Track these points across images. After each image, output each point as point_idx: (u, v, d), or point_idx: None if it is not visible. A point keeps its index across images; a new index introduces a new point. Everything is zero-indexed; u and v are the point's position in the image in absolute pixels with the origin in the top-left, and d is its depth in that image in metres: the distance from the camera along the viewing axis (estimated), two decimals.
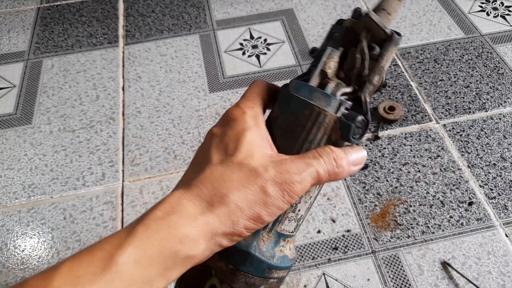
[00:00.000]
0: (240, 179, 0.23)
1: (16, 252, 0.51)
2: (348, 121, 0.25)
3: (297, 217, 0.27)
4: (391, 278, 0.47)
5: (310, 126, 0.25)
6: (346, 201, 0.53)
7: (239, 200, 0.22)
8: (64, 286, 0.19)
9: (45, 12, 0.82)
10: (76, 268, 0.20)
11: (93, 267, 0.20)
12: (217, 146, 0.24)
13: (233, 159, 0.23)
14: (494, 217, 0.52)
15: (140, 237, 0.21)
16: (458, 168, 0.56)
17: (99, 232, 0.52)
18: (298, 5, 0.81)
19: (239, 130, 0.24)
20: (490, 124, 0.61)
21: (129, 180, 0.57)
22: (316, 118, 0.25)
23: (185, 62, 0.72)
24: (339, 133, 0.25)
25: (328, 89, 0.26)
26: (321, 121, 0.25)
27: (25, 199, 0.56)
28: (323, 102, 0.25)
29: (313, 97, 0.25)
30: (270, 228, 0.26)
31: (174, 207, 0.22)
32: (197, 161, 0.25)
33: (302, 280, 0.47)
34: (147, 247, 0.21)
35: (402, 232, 0.50)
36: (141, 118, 0.64)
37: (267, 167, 0.23)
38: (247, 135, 0.24)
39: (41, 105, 0.66)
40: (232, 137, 0.24)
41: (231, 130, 0.24)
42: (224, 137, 0.24)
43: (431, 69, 0.69)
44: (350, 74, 0.27)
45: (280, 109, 0.27)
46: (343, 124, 0.25)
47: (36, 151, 0.61)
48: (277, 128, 0.26)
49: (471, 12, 0.78)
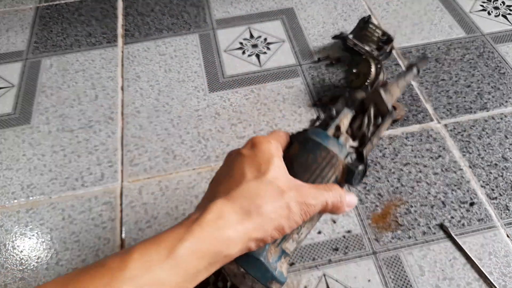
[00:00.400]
0: (271, 195, 0.28)
1: (14, 252, 0.51)
2: (353, 168, 0.32)
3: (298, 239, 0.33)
4: (392, 279, 0.47)
5: (324, 165, 0.32)
6: None
7: (271, 212, 0.28)
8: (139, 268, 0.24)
9: (44, 12, 0.82)
10: (146, 254, 0.25)
11: (159, 255, 0.25)
12: (250, 165, 0.30)
13: (265, 178, 0.29)
14: (496, 217, 0.51)
15: (195, 235, 0.26)
16: (459, 168, 0.56)
17: (98, 232, 0.52)
18: (299, 4, 0.80)
19: (268, 155, 0.30)
20: (492, 124, 0.61)
21: (128, 181, 0.57)
22: (330, 160, 0.32)
23: (185, 62, 0.71)
24: (344, 176, 0.33)
25: (341, 140, 0.34)
26: (333, 163, 0.32)
27: (24, 200, 0.55)
28: (336, 149, 0.33)
29: (329, 144, 0.33)
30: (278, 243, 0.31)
31: (220, 213, 0.27)
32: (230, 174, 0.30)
33: (302, 281, 0.47)
34: (201, 244, 0.26)
35: (403, 232, 0.50)
36: (140, 118, 0.64)
37: (291, 189, 0.29)
38: (275, 161, 0.30)
39: (40, 105, 0.66)
40: (263, 159, 0.30)
41: (261, 154, 0.30)
42: (256, 158, 0.30)
43: (432, 68, 0.69)
44: (356, 133, 0.35)
45: (300, 147, 0.33)
46: (349, 170, 0.32)
47: (34, 151, 0.60)
48: (295, 161, 0.33)
49: (472, 12, 0.77)
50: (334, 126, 0.35)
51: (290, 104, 0.64)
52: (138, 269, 0.24)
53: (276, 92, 0.66)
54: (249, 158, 0.30)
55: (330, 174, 0.33)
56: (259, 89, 0.67)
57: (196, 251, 0.25)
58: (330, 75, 0.68)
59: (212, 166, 0.58)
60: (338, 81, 0.67)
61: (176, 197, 0.55)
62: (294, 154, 0.34)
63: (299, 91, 0.66)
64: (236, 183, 0.29)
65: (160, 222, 0.52)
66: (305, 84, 0.67)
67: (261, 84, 0.67)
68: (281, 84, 0.67)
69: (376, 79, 0.60)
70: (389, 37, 0.67)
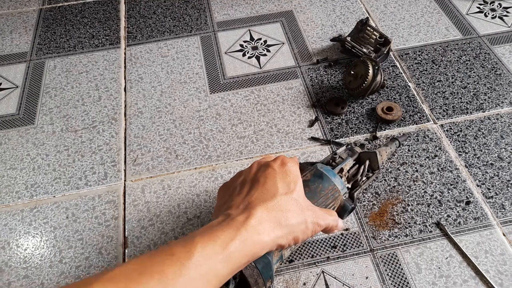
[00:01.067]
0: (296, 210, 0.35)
1: (18, 251, 0.51)
2: (348, 205, 0.44)
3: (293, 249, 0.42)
4: (389, 276, 0.47)
5: (329, 196, 0.42)
6: None
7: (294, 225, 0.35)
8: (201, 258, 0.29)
9: (47, 13, 0.83)
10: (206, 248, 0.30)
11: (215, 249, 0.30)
12: (282, 181, 0.37)
13: (293, 196, 0.36)
14: (492, 216, 0.52)
15: (243, 237, 0.32)
16: (455, 168, 0.57)
17: (101, 231, 0.53)
18: (298, 7, 0.81)
19: (295, 176, 0.38)
20: (488, 124, 0.62)
21: (131, 180, 0.58)
22: (333, 193, 0.43)
23: (186, 63, 0.72)
24: (339, 209, 0.44)
25: (342, 180, 0.45)
26: (336, 196, 0.43)
27: (28, 199, 0.56)
28: (340, 186, 0.43)
29: (336, 181, 0.43)
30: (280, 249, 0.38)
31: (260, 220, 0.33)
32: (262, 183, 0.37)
33: (301, 278, 0.47)
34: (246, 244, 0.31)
35: (400, 231, 0.51)
36: (143, 119, 0.65)
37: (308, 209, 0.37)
38: (299, 182, 0.38)
39: (44, 105, 0.67)
40: (292, 179, 0.37)
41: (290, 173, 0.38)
42: (286, 176, 0.37)
43: (429, 70, 0.70)
44: (351, 178, 0.47)
45: (312, 177, 0.43)
46: (344, 205, 0.44)
47: (38, 151, 0.61)
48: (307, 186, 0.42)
49: (469, 14, 0.79)
50: (339, 168, 0.46)
51: (289, 105, 0.65)
52: (201, 259, 0.29)
53: (276, 93, 0.67)
54: (280, 174, 0.37)
55: (331, 204, 0.42)
56: (259, 90, 0.68)
57: (242, 250, 0.31)
58: (329, 77, 0.69)
59: (213, 165, 0.59)
60: (336, 83, 0.68)
61: (178, 195, 0.56)
62: (307, 180, 0.43)
63: (298, 92, 0.67)
64: (271, 195, 0.35)
65: (163, 220, 0.53)
66: (304, 86, 0.68)
67: (261, 86, 0.68)
68: (281, 86, 0.68)
69: (373, 80, 0.61)
70: (387, 39, 0.68)
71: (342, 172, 0.46)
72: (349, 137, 0.61)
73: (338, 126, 0.62)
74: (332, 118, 0.63)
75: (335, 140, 0.60)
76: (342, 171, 0.46)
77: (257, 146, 0.60)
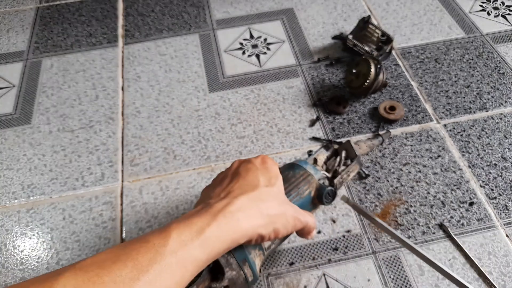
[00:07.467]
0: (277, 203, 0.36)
1: (15, 252, 0.51)
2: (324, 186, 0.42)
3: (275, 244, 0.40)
4: (391, 278, 0.47)
5: (301, 180, 0.42)
6: None
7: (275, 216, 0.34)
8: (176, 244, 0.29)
9: (44, 12, 0.82)
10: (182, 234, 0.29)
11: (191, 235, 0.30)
12: (263, 176, 0.37)
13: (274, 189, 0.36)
14: (495, 217, 0.51)
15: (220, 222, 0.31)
16: (458, 168, 0.56)
17: (98, 232, 0.52)
18: (298, 4, 0.80)
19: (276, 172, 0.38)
20: (491, 124, 0.61)
21: (129, 181, 0.57)
22: (306, 177, 0.42)
23: (185, 62, 0.71)
24: (316, 193, 0.42)
25: (316, 167, 0.45)
26: (309, 180, 0.42)
27: (24, 199, 0.55)
28: (312, 171, 0.43)
29: (307, 167, 0.43)
30: None
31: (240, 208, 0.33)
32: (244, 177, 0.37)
33: (302, 281, 0.47)
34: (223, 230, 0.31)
35: (402, 232, 0.50)
36: (141, 118, 0.64)
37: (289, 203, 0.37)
38: (279, 178, 0.38)
39: (40, 105, 0.66)
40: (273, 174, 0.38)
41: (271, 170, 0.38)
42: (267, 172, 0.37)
43: (432, 68, 0.69)
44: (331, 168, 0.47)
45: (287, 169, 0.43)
46: (320, 187, 0.42)
47: (35, 151, 0.60)
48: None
49: (472, 12, 0.78)
50: (312, 158, 0.47)
51: (290, 104, 0.65)
52: (176, 245, 0.28)
53: (276, 92, 0.66)
54: (261, 170, 0.37)
55: (305, 188, 0.41)
56: (259, 89, 0.67)
57: (219, 236, 0.30)
58: (330, 75, 0.68)
59: (212, 166, 0.58)
60: (337, 81, 0.67)
61: (177, 197, 0.55)
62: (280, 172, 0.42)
63: (299, 91, 0.66)
64: (252, 187, 0.35)
65: (161, 222, 0.52)
66: (305, 84, 0.67)
67: (261, 84, 0.68)
68: (281, 84, 0.67)
69: (375, 79, 0.60)
70: (389, 37, 0.67)
71: (316, 162, 0.46)
72: (351, 136, 0.60)
73: (339, 125, 0.61)
74: (334, 118, 0.62)
75: (336, 140, 0.59)
76: (316, 162, 0.46)
77: (257, 146, 0.60)
